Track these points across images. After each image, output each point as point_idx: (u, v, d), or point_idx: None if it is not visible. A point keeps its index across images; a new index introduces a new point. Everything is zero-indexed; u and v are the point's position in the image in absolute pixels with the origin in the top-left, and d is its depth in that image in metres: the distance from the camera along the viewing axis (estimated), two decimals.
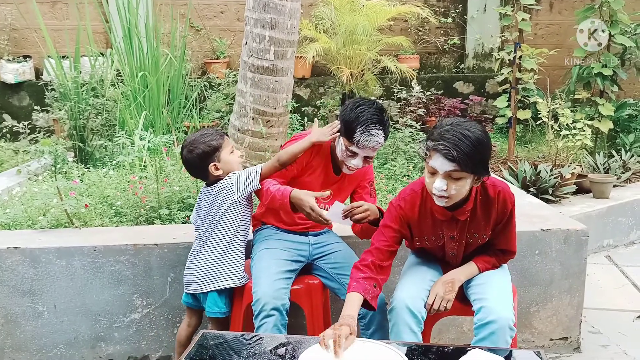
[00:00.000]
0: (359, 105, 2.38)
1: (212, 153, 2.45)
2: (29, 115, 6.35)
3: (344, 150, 2.41)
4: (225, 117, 5.77)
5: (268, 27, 3.88)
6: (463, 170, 1.98)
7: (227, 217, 2.46)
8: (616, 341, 3.18)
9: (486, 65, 7.51)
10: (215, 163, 2.46)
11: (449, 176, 2.00)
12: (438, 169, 2.00)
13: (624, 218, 4.66)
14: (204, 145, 2.45)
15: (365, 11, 6.04)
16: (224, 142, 2.49)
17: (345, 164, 2.45)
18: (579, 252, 3.02)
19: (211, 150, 2.45)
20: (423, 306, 2.19)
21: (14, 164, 4.86)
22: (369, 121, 2.32)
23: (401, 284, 2.28)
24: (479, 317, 2.11)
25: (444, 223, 2.22)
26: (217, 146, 2.46)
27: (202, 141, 2.45)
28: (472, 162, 1.97)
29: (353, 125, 2.34)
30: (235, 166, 2.50)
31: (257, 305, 2.31)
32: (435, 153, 1.99)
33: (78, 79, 4.55)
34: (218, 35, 7.28)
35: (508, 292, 2.23)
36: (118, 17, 4.83)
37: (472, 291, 2.26)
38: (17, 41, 7.12)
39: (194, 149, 2.45)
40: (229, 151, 2.49)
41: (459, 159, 1.95)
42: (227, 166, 2.47)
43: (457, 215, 2.18)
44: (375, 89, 6.43)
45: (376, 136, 2.33)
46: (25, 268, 2.80)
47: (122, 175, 3.85)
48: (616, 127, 5.87)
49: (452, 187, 2.01)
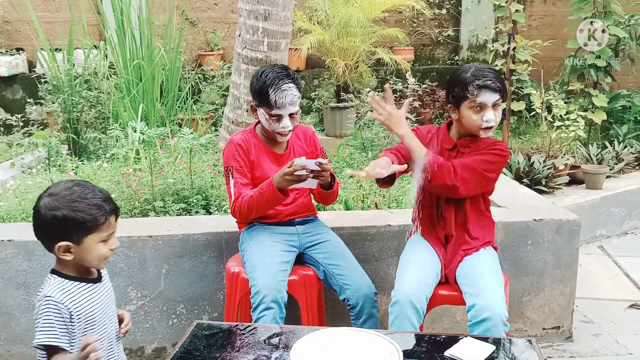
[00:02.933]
0: (262, 72, 2.48)
1: (76, 230, 1.66)
2: (22, 108, 6.33)
3: (268, 118, 2.47)
4: (219, 109, 5.77)
5: (261, 18, 3.87)
6: (502, 97, 2.32)
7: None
8: (608, 330, 3.21)
9: (480, 56, 7.51)
10: (69, 244, 1.66)
11: (494, 106, 2.30)
12: (487, 101, 2.28)
13: (616, 209, 4.69)
14: (74, 212, 1.64)
15: (360, 3, 6.04)
16: (105, 225, 1.68)
17: (276, 132, 2.50)
18: (571, 242, 3.04)
19: (78, 226, 1.65)
20: (425, 301, 2.23)
21: (7, 157, 4.85)
22: (277, 79, 2.42)
23: (403, 278, 2.29)
24: (472, 314, 2.14)
25: (447, 152, 2.41)
26: (90, 225, 1.66)
27: (77, 205, 1.64)
28: (505, 89, 2.34)
29: (264, 90, 2.42)
30: (93, 263, 1.73)
31: (256, 297, 2.31)
32: (482, 90, 2.26)
33: (71, 71, 4.54)
34: (212, 27, 7.27)
35: (499, 285, 2.25)
36: (111, 9, 4.81)
37: (463, 282, 2.28)
38: (10, 34, 7.09)
39: (57, 207, 1.64)
40: (100, 238, 1.69)
41: (502, 88, 2.29)
42: (84, 257, 1.70)
43: (460, 146, 2.40)
44: (370, 80, 6.44)
45: (289, 90, 2.42)
46: (20, 261, 2.80)
47: (116, 168, 3.85)
48: (609, 119, 5.88)
49: (497, 115, 2.31)
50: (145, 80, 4.64)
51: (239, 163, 2.49)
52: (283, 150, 2.62)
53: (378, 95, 2.31)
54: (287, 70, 2.48)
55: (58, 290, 1.69)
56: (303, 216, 2.67)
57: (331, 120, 6.25)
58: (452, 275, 2.36)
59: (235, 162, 2.49)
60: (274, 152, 2.59)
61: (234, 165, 2.50)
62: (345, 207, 3.36)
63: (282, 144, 2.62)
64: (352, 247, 2.74)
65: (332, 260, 2.53)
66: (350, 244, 2.70)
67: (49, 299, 1.67)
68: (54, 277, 1.72)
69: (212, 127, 5.64)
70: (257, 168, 2.54)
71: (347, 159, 4.33)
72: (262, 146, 2.58)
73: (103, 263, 1.75)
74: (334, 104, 6.24)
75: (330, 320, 2.85)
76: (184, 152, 3.77)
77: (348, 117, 6.04)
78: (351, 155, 4.40)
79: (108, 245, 1.72)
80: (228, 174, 2.51)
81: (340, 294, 2.49)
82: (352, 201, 3.41)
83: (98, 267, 1.77)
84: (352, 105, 6.10)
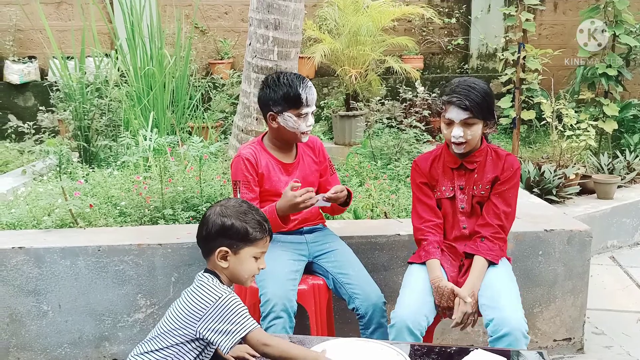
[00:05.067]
0: (278, 77, 2.52)
1: (238, 239, 1.82)
2: (34, 115, 6.37)
3: (295, 120, 2.49)
4: (229, 118, 5.78)
5: (272, 27, 3.89)
6: (475, 117, 2.28)
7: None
8: (620, 342, 3.17)
9: (490, 65, 7.50)
10: (228, 250, 1.82)
11: (464, 124, 2.28)
12: (454, 118, 2.29)
13: (628, 219, 4.65)
14: (240, 222, 1.82)
15: (369, 12, 6.04)
16: (262, 241, 1.85)
17: (302, 132, 2.53)
18: (582, 252, 3.02)
19: (240, 235, 1.82)
20: (424, 320, 2.21)
21: (19, 164, 4.89)
22: (300, 79, 2.50)
23: (402, 299, 2.29)
24: (492, 329, 2.13)
25: (454, 172, 2.42)
26: (251, 237, 1.82)
27: (244, 217, 1.83)
28: (481, 109, 2.28)
29: (294, 91, 2.46)
30: (244, 276, 1.85)
31: (266, 306, 2.31)
32: (449, 106, 2.29)
33: (83, 79, 4.57)
34: (222, 35, 7.30)
35: (517, 297, 2.25)
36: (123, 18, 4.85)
37: (480, 295, 2.27)
38: (23, 42, 7.16)
39: (228, 215, 1.82)
40: (254, 254, 1.85)
41: (471, 107, 2.26)
42: (237, 267, 1.83)
43: (466, 163, 2.40)
44: (380, 89, 6.44)
45: (312, 87, 2.53)
46: (30, 268, 2.81)
47: (127, 176, 3.86)
48: (621, 128, 5.85)
49: (467, 133, 2.29)
50: (156, 88, 4.67)
51: (246, 178, 2.51)
52: (292, 160, 2.62)
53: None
54: (296, 73, 2.56)
55: (230, 290, 1.80)
56: (312, 224, 2.67)
57: (340, 129, 6.25)
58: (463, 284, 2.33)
59: (243, 177, 2.51)
60: (282, 163, 2.59)
61: (241, 179, 2.51)
62: (354, 216, 3.35)
63: (292, 154, 2.62)
64: (361, 256, 2.73)
65: (341, 269, 2.52)
66: (359, 253, 2.69)
67: (232, 296, 1.77)
68: (214, 278, 1.82)
69: (222, 135, 5.66)
70: (267, 180, 2.54)
71: (356, 168, 4.33)
72: (271, 158, 2.58)
73: (250, 280, 1.87)
74: (343, 113, 6.24)
75: (339, 329, 2.84)
76: (193, 160, 3.79)
77: (357, 126, 6.04)
78: (360, 164, 4.39)
79: (258, 264, 1.87)
80: (235, 188, 2.53)
81: (349, 304, 2.48)
82: (361, 210, 3.40)
83: (245, 283, 1.87)
84: (361, 113, 6.10)
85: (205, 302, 1.75)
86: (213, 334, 1.72)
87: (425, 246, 2.38)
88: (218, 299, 1.74)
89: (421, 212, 2.44)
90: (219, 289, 1.77)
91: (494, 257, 2.32)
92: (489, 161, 2.40)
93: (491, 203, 2.37)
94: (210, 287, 1.78)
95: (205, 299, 1.75)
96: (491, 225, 2.34)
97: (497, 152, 2.42)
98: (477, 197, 2.40)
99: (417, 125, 4.74)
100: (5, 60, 6.93)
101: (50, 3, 7.12)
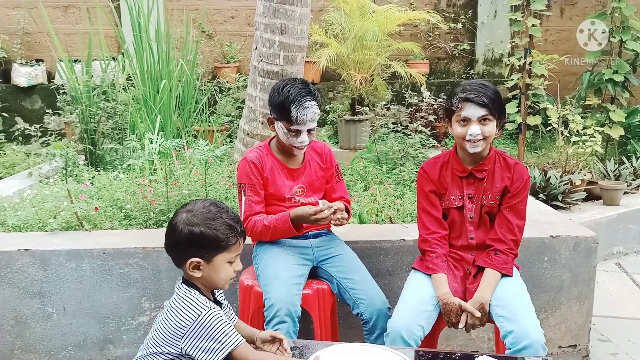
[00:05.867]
0: (284, 86, 2.47)
1: (209, 248, 1.72)
2: (40, 118, 6.42)
3: (286, 132, 2.48)
4: (235, 122, 5.80)
5: (278, 32, 3.90)
6: (491, 113, 2.26)
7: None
8: (626, 349, 3.15)
9: (496, 70, 7.50)
10: (199, 260, 1.72)
11: (481, 121, 2.26)
12: (471, 116, 2.26)
13: (634, 225, 4.63)
14: (210, 230, 1.71)
15: (375, 17, 6.06)
16: (235, 246, 1.75)
17: (294, 146, 2.51)
18: (588, 259, 3.00)
19: (211, 244, 1.72)
20: (419, 330, 2.20)
21: (25, 166, 4.91)
22: (299, 96, 2.41)
23: (399, 308, 2.28)
24: (512, 341, 2.12)
25: (463, 180, 2.38)
26: (223, 244, 1.73)
27: (213, 224, 1.72)
28: (497, 106, 2.27)
29: (286, 106, 2.42)
30: (220, 282, 1.77)
31: (270, 310, 2.30)
32: (466, 103, 2.26)
33: (89, 82, 4.59)
34: (229, 40, 7.33)
35: (532, 307, 2.23)
36: (130, 21, 4.87)
37: (494, 304, 2.24)
38: (30, 45, 7.21)
39: (195, 224, 1.71)
40: (228, 259, 1.76)
41: (488, 103, 2.24)
42: (212, 275, 1.74)
43: (475, 172, 2.36)
44: (386, 93, 6.44)
45: (311, 107, 2.42)
46: (36, 270, 2.82)
47: (132, 179, 3.87)
48: (627, 134, 5.83)
49: (485, 130, 2.26)
50: (162, 92, 4.69)
51: (252, 181, 2.51)
52: (298, 165, 2.62)
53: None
54: (308, 86, 2.48)
55: (211, 305, 1.72)
56: (317, 229, 2.67)
57: (346, 133, 6.25)
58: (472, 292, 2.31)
59: (248, 180, 2.51)
60: (288, 168, 2.59)
61: (246, 182, 2.52)
62: (359, 221, 3.35)
63: (298, 159, 2.62)
64: (366, 261, 2.72)
65: (346, 274, 2.52)
66: (364, 258, 2.68)
67: (212, 312, 1.70)
68: (193, 290, 1.74)
69: (228, 139, 5.67)
70: (271, 184, 2.55)
71: (361, 172, 4.32)
72: (277, 162, 2.58)
73: (227, 284, 1.79)
74: (348, 117, 6.25)
75: (344, 334, 2.83)
76: (199, 163, 3.79)
77: (363, 130, 6.04)
78: (365, 169, 4.39)
79: (233, 267, 1.78)
80: (241, 191, 2.54)
81: (354, 309, 2.47)
82: (366, 215, 3.40)
83: (223, 287, 1.80)
84: (366, 118, 6.10)
85: (186, 319, 1.68)
86: (198, 351, 1.67)
87: (433, 259, 2.35)
88: (198, 316, 1.67)
89: (427, 223, 2.40)
90: (199, 305, 1.70)
91: (508, 270, 2.31)
92: (497, 169, 2.36)
93: (504, 217, 2.33)
94: (189, 301, 1.71)
95: (185, 316, 1.69)
96: (505, 241, 2.31)
97: (506, 159, 2.39)
98: (485, 207, 2.37)
99: (422, 130, 4.74)
100: (13, 63, 6.97)
101: (58, 7, 7.17)
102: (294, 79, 2.53)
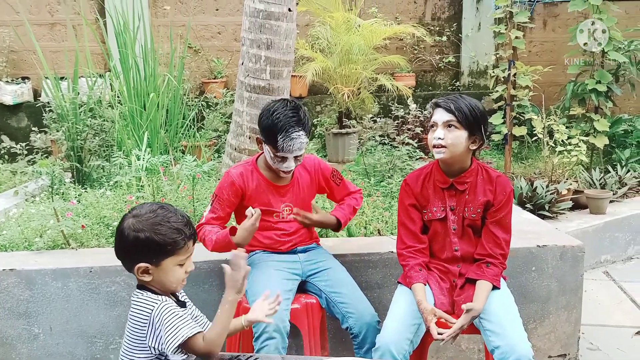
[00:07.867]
0: (274, 111, 2.42)
1: (156, 253, 1.71)
2: (27, 136, 6.38)
3: (272, 157, 2.47)
4: (222, 137, 5.79)
5: (264, 47, 3.92)
6: (459, 121, 2.25)
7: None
8: (615, 358, 3.16)
9: (481, 82, 7.57)
10: (147, 265, 1.72)
11: (447, 126, 2.26)
12: (437, 120, 2.29)
13: (621, 233, 4.66)
14: (156, 235, 1.69)
15: (361, 31, 6.11)
16: (184, 248, 1.73)
17: (280, 169, 2.51)
18: (575, 268, 3.02)
19: (158, 249, 1.70)
20: (407, 344, 2.21)
21: (11, 185, 4.86)
22: (287, 126, 2.38)
23: (387, 323, 2.28)
24: (500, 356, 2.12)
25: (445, 192, 2.38)
26: (170, 249, 1.71)
27: (159, 228, 1.70)
28: (466, 117, 2.25)
29: (273, 134, 2.40)
30: (171, 285, 1.76)
31: (258, 326, 2.29)
32: (437, 109, 2.31)
33: (76, 100, 4.57)
34: (216, 55, 7.35)
35: (520, 322, 2.24)
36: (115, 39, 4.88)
37: (483, 318, 2.24)
38: (16, 63, 7.18)
39: (141, 229, 1.70)
40: (178, 262, 1.74)
41: (455, 109, 2.26)
42: (162, 279, 1.74)
43: (457, 184, 2.36)
44: (373, 106, 6.48)
45: (298, 138, 2.40)
46: (21, 290, 2.79)
47: (119, 196, 3.85)
48: (612, 143, 5.90)
49: (448, 137, 2.26)
50: (149, 108, 4.68)
51: (223, 196, 2.53)
52: (286, 182, 2.61)
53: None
54: (298, 113, 2.42)
55: (161, 299, 1.73)
56: (306, 244, 2.67)
57: (333, 146, 6.27)
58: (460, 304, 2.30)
59: (220, 194, 2.53)
60: (275, 185, 2.58)
61: (218, 195, 2.54)
62: (347, 234, 3.35)
63: (286, 177, 2.61)
64: (355, 274, 2.72)
65: (335, 288, 2.51)
66: (352, 271, 2.68)
67: (164, 304, 1.71)
68: (145, 292, 1.76)
69: (215, 154, 5.67)
70: (256, 200, 2.54)
71: None
72: (263, 179, 2.58)
73: (180, 285, 1.78)
74: (336, 130, 6.27)
75: (333, 349, 2.82)
76: (186, 179, 3.78)
77: (350, 143, 6.06)
78: (353, 181, 4.40)
79: (184, 268, 1.77)
80: (212, 199, 2.55)
81: (343, 323, 2.46)
82: (354, 227, 3.40)
83: (175, 290, 1.79)
84: (354, 131, 6.13)
85: (142, 320, 1.72)
86: (162, 344, 1.69)
87: (407, 271, 2.36)
88: (151, 311, 1.70)
89: (404, 237, 2.41)
90: (150, 302, 1.73)
91: (498, 282, 2.32)
92: (479, 182, 2.36)
93: (490, 232, 2.33)
94: (141, 303, 1.74)
95: (140, 317, 1.72)
96: (495, 256, 2.32)
97: (489, 172, 2.38)
98: (467, 219, 2.36)
99: (409, 142, 4.76)
100: None
101: (44, 24, 7.16)
102: (285, 102, 2.46)
